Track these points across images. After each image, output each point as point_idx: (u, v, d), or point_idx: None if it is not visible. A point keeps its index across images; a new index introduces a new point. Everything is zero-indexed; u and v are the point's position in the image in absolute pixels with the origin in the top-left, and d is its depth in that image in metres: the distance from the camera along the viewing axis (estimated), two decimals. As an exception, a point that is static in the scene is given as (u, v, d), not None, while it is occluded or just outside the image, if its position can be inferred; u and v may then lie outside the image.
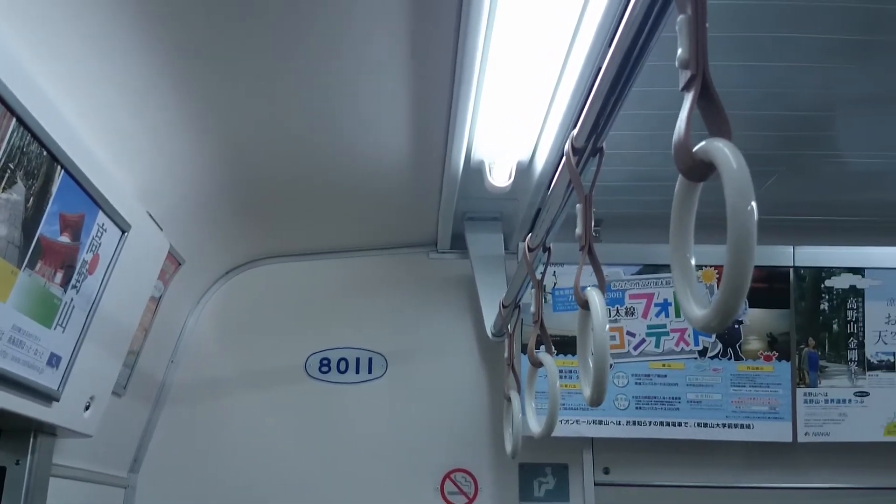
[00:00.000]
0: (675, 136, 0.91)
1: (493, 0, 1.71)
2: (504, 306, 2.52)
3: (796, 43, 2.13)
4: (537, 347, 1.91)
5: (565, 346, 2.85)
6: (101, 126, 1.93)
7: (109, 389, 2.29)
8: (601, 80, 1.30)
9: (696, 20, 0.93)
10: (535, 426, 1.90)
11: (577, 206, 1.52)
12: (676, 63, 0.95)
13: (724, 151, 0.82)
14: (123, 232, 2.06)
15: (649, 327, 2.94)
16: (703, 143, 0.87)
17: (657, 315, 2.94)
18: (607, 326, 1.34)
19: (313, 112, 2.21)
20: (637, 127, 2.47)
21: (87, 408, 2.16)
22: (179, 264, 2.67)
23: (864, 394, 2.93)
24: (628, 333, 2.94)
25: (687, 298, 0.91)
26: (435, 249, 3.25)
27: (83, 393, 2.11)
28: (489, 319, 2.89)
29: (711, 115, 0.91)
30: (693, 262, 0.94)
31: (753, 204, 0.78)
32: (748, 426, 2.90)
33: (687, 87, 0.93)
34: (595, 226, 2.98)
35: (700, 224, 0.96)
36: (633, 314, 2.94)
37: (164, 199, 2.34)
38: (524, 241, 2.06)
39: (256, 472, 3.03)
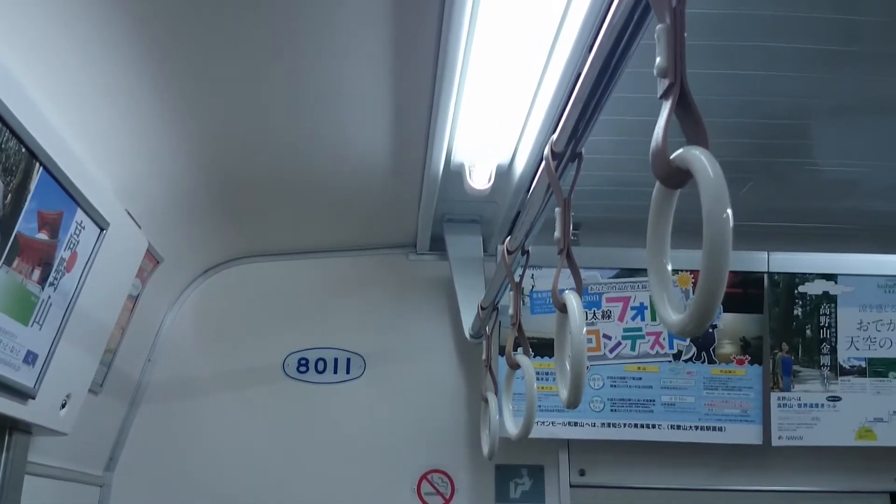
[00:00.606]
0: (653, 144, 0.93)
1: (475, 4, 1.73)
2: (482, 308, 2.54)
3: (773, 52, 2.16)
4: (515, 350, 1.93)
5: (542, 348, 2.86)
6: (80, 123, 1.92)
7: (86, 387, 2.28)
8: (581, 85, 1.32)
9: (675, 29, 0.95)
10: (513, 428, 1.92)
11: (556, 210, 1.54)
12: (655, 71, 0.96)
13: (700, 160, 0.84)
14: (102, 230, 2.05)
15: (625, 330, 2.96)
16: (680, 150, 0.89)
17: (633, 318, 2.96)
18: (584, 330, 1.36)
19: (294, 112, 2.22)
20: (615, 132, 2.49)
21: (63, 406, 2.15)
22: (158, 262, 2.67)
23: (836, 398, 2.97)
24: (604, 336, 2.96)
25: (663, 303, 0.93)
26: (414, 251, 3.26)
27: (59, 391, 2.10)
28: (467, 321, 2.90)
29: (689, 123, 0.93)
30: (670, 267, 0.96)
31: (729, 211, 0.80)
32: (720, 429, 2.94)
33: (665, 96, 0.95)
34: (573, 229, 3.02)
35: (676, 229, 0.98)
36: (609, 317, 2.97)
37: (142, 197, 2.33)
38: (503, 243, 2.07)
39: (233, 471, 3.02)
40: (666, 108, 0.93)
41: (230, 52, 1.91)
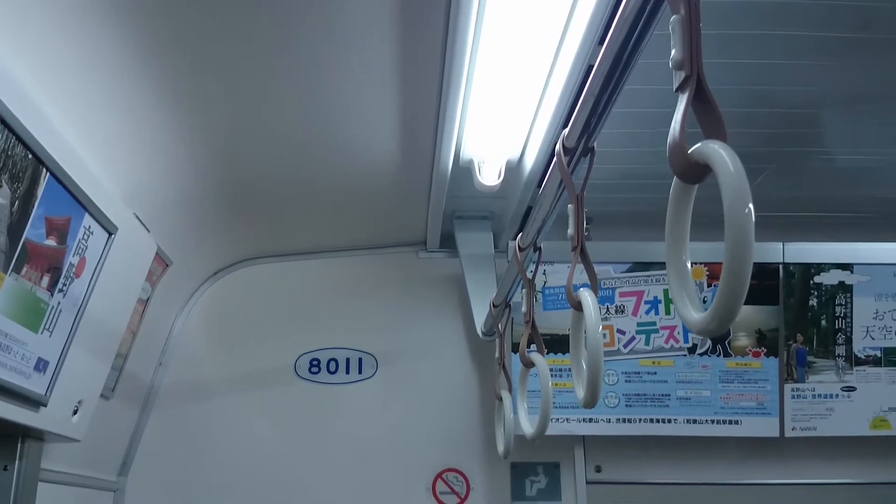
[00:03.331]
0: (670, 138, 0.91)
1: (481, -1, 1.71)
2: (494, 306, 2.51)
3: (784, 40, 2.14)
4: (528, 347, 1.91)
5: (555, 344, 2.84)
6: (87, 128, 1.91)
7: (97, 393, 2.27)
8: (592, 79, 1.29)
9: (690, 20, 0.93)
10: (528, 427, 1.90)
11: (569, 206, 1.51)
12: (670, 64, 0.94)
13: (720, 153, 0.82)
14: (110, 234, 2.04)
15: (639, 325, 2.94)
16: (698, 144, 0.86)
17: (647, 312, 2.94)
18: (600, 327, 1.34)
19: (301, 112, 2.20)
20: (626, 125, 2.47)
21: (74, 412, 2.14)
22: (167, 265, 2.65)
23: (850, 388, 2.95)
24: (618, 331, 2.94)
25: (683, 301, 0.90)
26: (424, 249, 3.24)
27: (71, 397, 2.09)
28: (479, 319, 2.88)
29: (706, 116, 0.90)
30: (689, 264, 0.93)
31: (751, 206, 0.78)
32: (736, 422, 2.92)
33: (681, 88, 0.92)
34: (586, 224, 3.00)
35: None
36: (623, 312, 2.95)
37: (150, 200, 2.32)
38: (515, 240, 2.05)
39: (246, 473, 3.01)
40: (682, 101, 0.91)
41: (237, 54, 1.89)
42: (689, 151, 0.88)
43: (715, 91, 0.90)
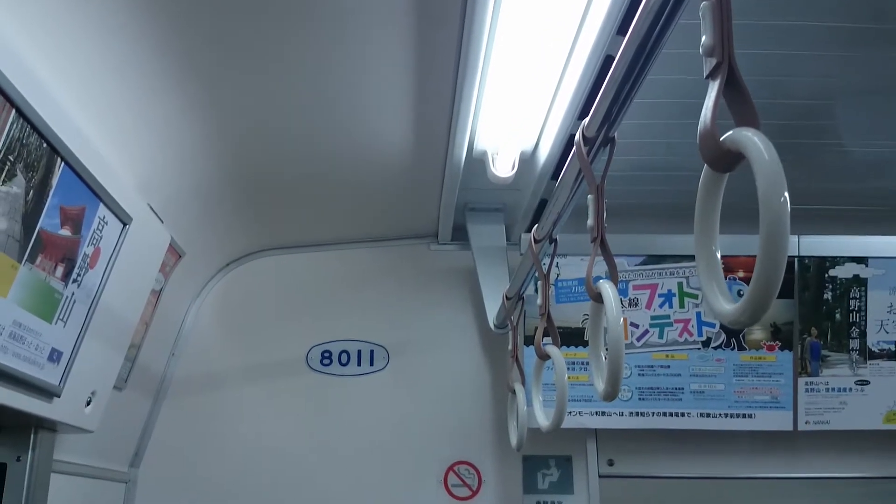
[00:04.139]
0: (701, 126, 0.89)
1: (498, -11, 1.69)
2: (507, 298, 2.50)
3: (798, 31, 2.11)
4: (543, 339, 1.90)
5: (568, 337, 2.83)
6: (101, 118, 1.90)
7: (111, 384, 2.27)
8: (615, 67, 1.28)
9: (721, 6, 0.91)
10: (544, 419, 1.89)
11: (588, 196, 1.50)
12: (700, 50, 0.93)
13: (754, 141, 0.80)
14: (124, 224, 2.03)
15: (653, 318, 2.92)
16: (730, 132, 0.85)
17: (661, 306, 2.92)
18: (622, 320, 1.32)
19: (315, 103, 2.19)
20: (642, 116, 2.45)
21: (88, 403, 2.13)
22: (180, 256, 2.65)
23: (864, 382, 2.93)
24: (632, 324, 2.92)
25: (714, 293, 0.89)
26: (436, 241, 3.23)
27: (84, 388, 2.09)
28: (491, 311, 2.87)
29: (738, 104, 0.89)
30: (719, 255, 0.92)
31: (786, 195, 0.76)
32: (750, 416, 2.90)
33: (712, 76, 0.91)
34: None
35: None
36: (636, 305, 2.93)
37: (164, 191, 2.31)
38: (528, 232, 2.04)
39: (258, 465, 3.01)
40: (714, 88, 0.90)
41: (251, 45, 1.88)
42: (721, 139, 0.86)
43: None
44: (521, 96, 2.22)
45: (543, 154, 2.49)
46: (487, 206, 3.04)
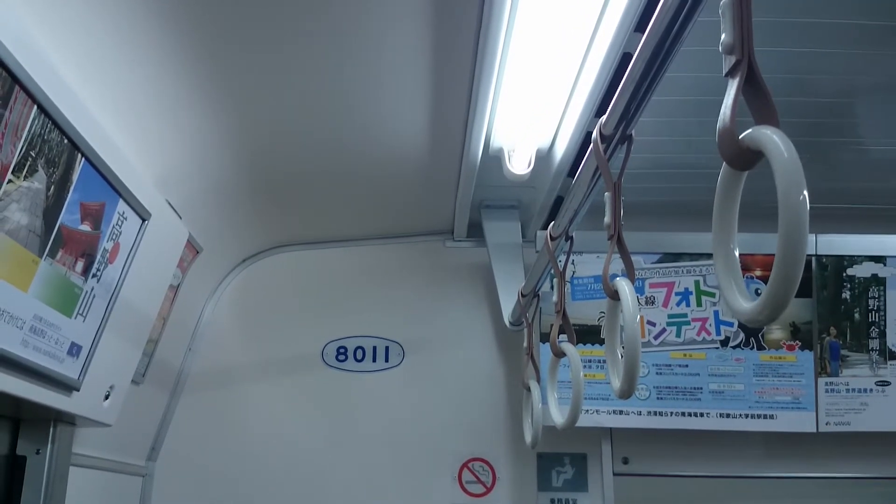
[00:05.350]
0: (720, 124, 0.89)
1: (517, -14, 1.69)
2: (523, 295, 2.50)
3: (818, 29, 2.10)
4: (559, 337, 1.90)
5: (584, 335, 2.83)
6: (121, 114, 1.92)
7: (129, 379, 2.29)
8: (634, 65, 1.27)
9: (741, 3, 0.91)
10: (558, 417, 1.89)
11: (606, 194, 1.50)
12: (720, 48, 0.92)
13: (773, 139, 0.80)
14: (143, 220, 2.04)
15: (670, 316, 2.91)
16: (750, 130, 0.85)
17: (678, 304, 2.91)
18: (638, 317, 1.32)
19: (332, 101, 2.20)
20: (658, 113, 2.44)
21: (106, 397, 2.15)
22: (197, 252, 2.66)
23: (885, 383, 2.91)
24: (649, 323, 2.91)
25: (732, 291, 0.89)
26: (451, 238, 3.23)
27: (103, 382, 2.11)
28: (506, 308, 2.87)
29: (757, 102, 0.89)
30: (737, 253, 0.92)
31: (805, 193, 0.76)
32: (771, 416, 2.87)
33: (731, 73, 0.91)
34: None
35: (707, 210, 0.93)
36: (653, 303, 2.92)
37: (182, 187, 2.32)
38: (546, 229, 2.03)
39: (273, 459, 3.03)
40: (733, 86, 0.89)
41: (268, 42, 1.89)
42: (740, 137, 0.86)
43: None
44: (538, 93, 2.21)
45: (560, 151, 2.49)
46: (503, 203, 3.04)
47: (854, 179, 2.94)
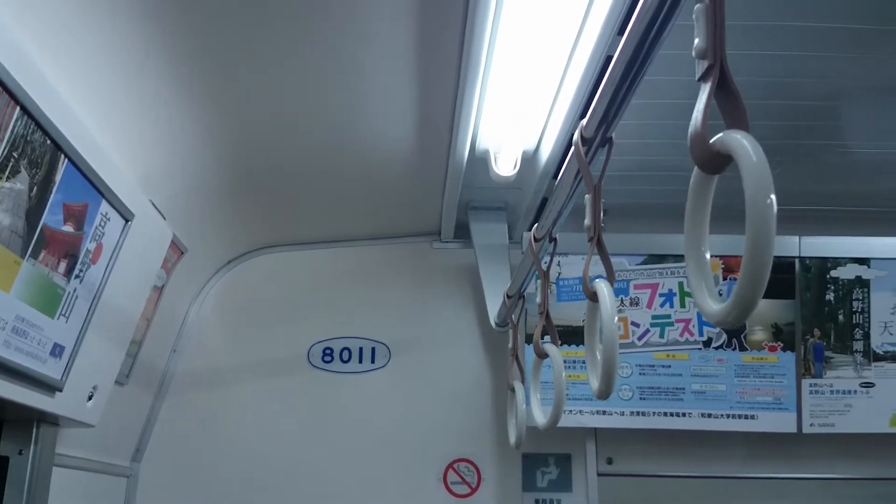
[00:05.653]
0: (692, 128, 0.90)
1: (501, -12, 1.70)
2: (508, 296, 2.51)
3: (802, 31, 2.11)
4: (542, 338, 1.90)
5: (569, 336, 2.84)
6: (104, 115, 1.91)
7: (112, 379, 2.29)
8: (613, 68, 1.28)
9: (714, 8, 0.92)
10: (541, 417, 1.90)
11: (586, 196, 1.50)
12: (693, 53, 0.93)
13: (743, 144, 0.81)
14: (127, 221, 2.04)
15: (654, 317, 2.93)
16: (720, 134, 0.86)
17: (662, 305, 2.92)
18: (616, 318, 1.33)
19: (317, 100, 2.20)
20: (642, 116, 2.45)
21: (89, 398, 2.15)
22: (182, 253, 2.66)
23: (869, 385, 2.92)
24: (633, 324, 2.93)
25: (702, 292, 0.90)
26: (438, 239, 3.24)
27: (86, 383, 2.10)
28: (493, 309, 2.87)
29: (729, 106, 0.90)
30: (708, 255, 0.93)
31: (773, 197, 0.77)
32: (752, 417, 2.89)
33: (704, 78, 0.92)
34: (602, 215, 2.98)
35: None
36: (637, 304, 2.93)
37: (166, 187, 2.32)
38: (529, 230, 2.04)
39: (258, 461, 3.03)
40: (705, 90, 0.90)
41: (254, 42, 1.89)
42: (711, 141, 0.87)
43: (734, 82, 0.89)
44: (524, 96, 2.22)
45: (545, 153, 2.50)
46: (489, 205, 3.05)
47: (838, 182, 2.96)
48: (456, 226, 3.12)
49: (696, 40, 0.92)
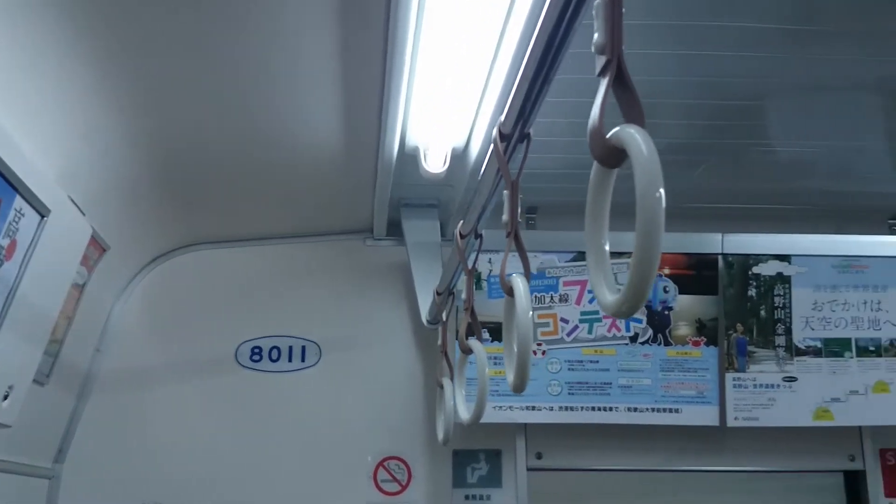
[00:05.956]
0: (590, 123, 0.91)
1: (422, -16, 1.70)
2: (438, 294, 2.51)
3: (729, 31, 2.15)
4: (468, 335, 1.91)
5: (499, 332, 2.85)
6: (19, 107, 1.86)
7: (30, 378, 2.22)
8: (525, 65, 1.29)
9: (613, 5, 0.93)
10: (465, 413, 1.90)
11: (504, 192, 1.51)
12: (592, 48, 0.94)
13: (635, 138, 0.82)
14: (43, 217, 1.99)
15: (582, 314, 2.96)
16: (616, 129, 0.87)
17: (590, 301, 2.95)
18: (530, 313, 1.34)
19: (242, 95, 2.17)
20: (570, 115, 2.47)
21: (5, 397, 2.09)
22: (104, 250, 2.60)
23: (792, 379, 2.98)
24: (562, 320, 2.95)
25: (600, 284, 0.91)
26: (371, 236, 3.22)
27: (1, 382, 2.04)
28: (424, 307, 2.87)
29: (626, 102, 0.91)
30: (608, 248, 0.94)
31: (662, 191, 0.78)
32: (676, 410, 2.94)
33: (602, 73, 0.93)
34: (529, 213, 3.00)
35: (626, 211, 0.95)
36: (566, 301, 2.96)
37: (87, 182, 2.27)
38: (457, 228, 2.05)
39: (186, 462, 2.97)
40: (603, 85, 0.91)
41: (175, 35, 1.86)
42: (608, 136, 0.88)
43: (657, 82, 0.91)
44: (451, 93, 2.22)
45: (475, 150, 2.50)
46: (421, 202, 3.05)
47: (762, 180, 3.02)
48: (389, 223, 3.11)
49: (595, 36, 0.93)
